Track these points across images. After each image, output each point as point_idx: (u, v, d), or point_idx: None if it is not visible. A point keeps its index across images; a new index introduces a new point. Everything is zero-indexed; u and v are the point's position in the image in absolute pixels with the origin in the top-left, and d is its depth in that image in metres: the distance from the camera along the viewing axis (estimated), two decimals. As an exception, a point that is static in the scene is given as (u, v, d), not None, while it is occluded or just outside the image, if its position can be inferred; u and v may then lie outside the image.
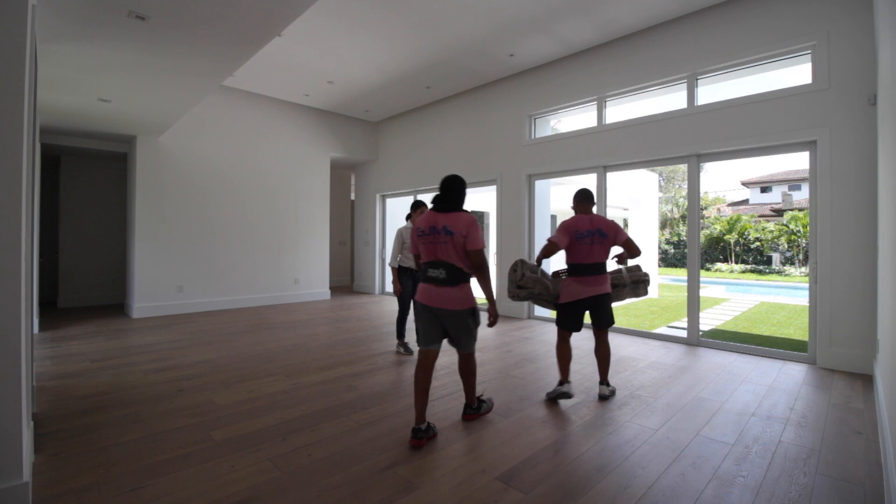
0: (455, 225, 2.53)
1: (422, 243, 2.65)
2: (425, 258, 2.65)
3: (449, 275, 2.53)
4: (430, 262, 2.61)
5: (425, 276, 2.64)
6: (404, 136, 8.71)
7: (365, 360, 4.23)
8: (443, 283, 2.55)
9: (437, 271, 2.57)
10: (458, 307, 2.55)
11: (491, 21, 5.00)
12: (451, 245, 2.53)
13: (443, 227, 2.55)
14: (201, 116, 6.84)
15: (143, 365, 4.00)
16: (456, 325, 2.59)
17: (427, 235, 2.61)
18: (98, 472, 2.16)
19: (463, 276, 2.57)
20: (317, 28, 5.15)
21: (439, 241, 2.56)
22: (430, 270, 2.60)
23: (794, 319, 7.61)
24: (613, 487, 2.06)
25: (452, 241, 2.52)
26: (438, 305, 2.56)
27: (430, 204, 2.76)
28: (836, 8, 3.98)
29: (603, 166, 5.64)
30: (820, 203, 4.04)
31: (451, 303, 2.54)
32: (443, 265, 2.55)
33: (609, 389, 3.27)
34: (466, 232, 2.51)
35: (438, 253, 2.56)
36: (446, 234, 2.54)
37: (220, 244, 7.14)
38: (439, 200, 2.66)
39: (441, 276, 2.55)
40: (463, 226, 2.52)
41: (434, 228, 2.58)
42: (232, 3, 2.98)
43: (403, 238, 4.36)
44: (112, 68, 3.99)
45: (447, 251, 2.53)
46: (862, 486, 2.10)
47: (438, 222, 2.58)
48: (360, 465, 2.25)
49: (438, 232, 2.56)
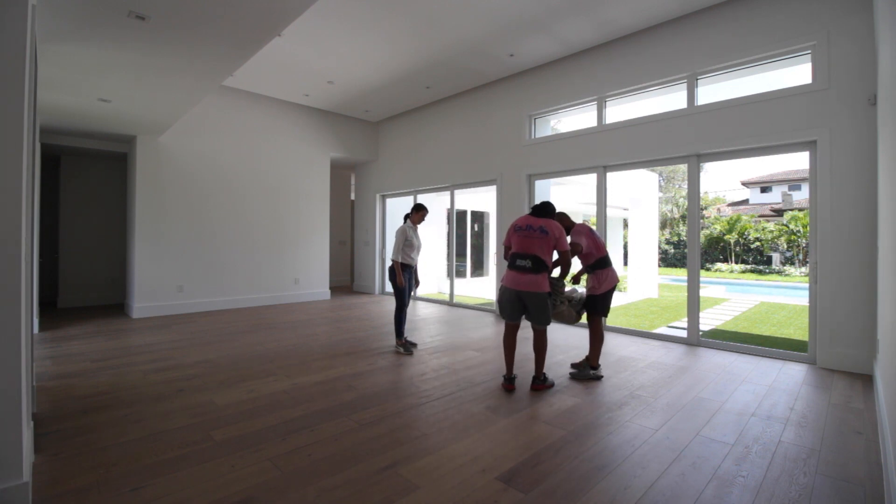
0: (550, 227, 3.26)
1: (517, 236, 3.33)
2: (516, 249, 3.30)
3: (534, 264, 3.21)
4: (519, 253, 3.27)
5: (513, 264, 3.30)
6: (404, 136, 8.71)
7: (365, 360, 4.23)
8: (528, 270, 3.21)
9: (524, 261, 3.23)
10: (539, 290, 3.21)
11: (491, 21, 5.00)
12: (543, 241, 3.23)
13: (539, 226, 3.27)
14: (201, 116, 6.84)
15: (143, 365, 4.00)
16: (536, 304, 3.24)
17: (524, 230, 3.31)
18: (98, 472, 2.16)
19: (544, 267, 3.23)
20: (317, 28, 5.15)
21: (534, 236, 3.26)
22: (519, 260, 3.27)
23: (794, 319, 7.61)
24: (613, 487, 2.06)
25: (545, 239, 3.23)
26: (524, 289, 3.22)
27: (528, 210, 3.48)
28: (836, 8, 3.98)
29: (603, 166, 5.64)
30: (820, 203, 4.04)
31: (534, 286, 3.20)
32: (530, 257, 3.21)
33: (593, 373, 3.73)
34: (559, 235, 3.25)
35: (530, 246, 3.23)
36: (542, 232, 3.25)
37: (220, 244, 7.14)
38: (538, 209, 3.43)
39: (528, 265, 3.21)
40: (557, 230, 3.26)
41: (531, 227, 3.30)
42: (232, 3, 2.98)
43: (407, 236, 4.46)
44: (112, 68, 3.99)
45: (538, 245, 3.22)
46: (862, 486, 2.10)
47: (535, 223, 3.31)
48: (360, 465, 2.25)
49: (534, 229, 3.27)
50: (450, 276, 8.06)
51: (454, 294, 7.90)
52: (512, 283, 3.28)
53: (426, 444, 2.49)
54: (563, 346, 4.78)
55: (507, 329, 3.44)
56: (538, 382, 3.38)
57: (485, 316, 6.74)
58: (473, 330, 5.69)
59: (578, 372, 3.69)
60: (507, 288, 3.31)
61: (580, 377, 3.64)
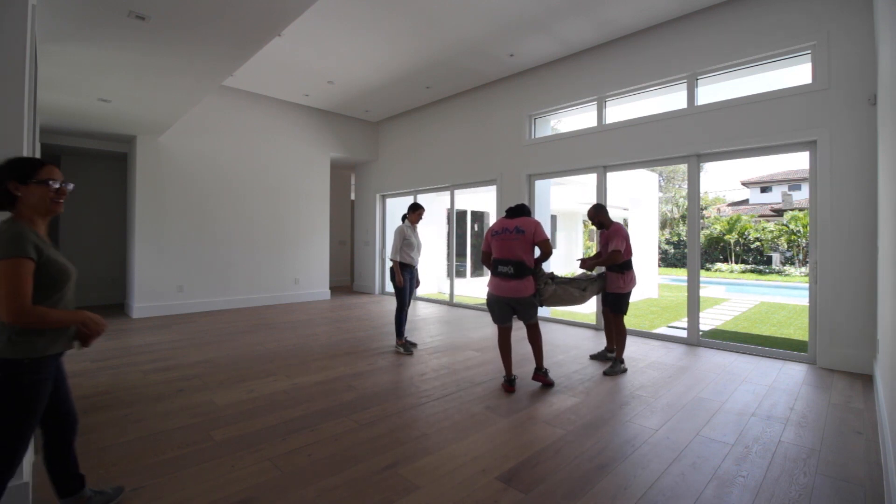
0: (525, 225, 3.22)
1: (495, 241, 3.31)
2: (496, 255, 3.29)
3: (517, 270, 3.18)
4: (501, 259, 3.25)
5: (496, 271, 3.30)
6: (404, 136, 8.71)
7: (365, 360, 4.23)
8: (511, 277, 3.20)
9: (506, 268, 3.22)
10: (525, 294, 3.22)
11: (491, 21, 5.00)
12: (521, 241, 3.18)
13: (514, 227, 3.23)
14: (201, 116, 6.84)
15: (143, 365, 4.00)
16: (523, 305, 3.28)
17: (500, 234, 3.28)
18: (98, 472, 2.15)
19: (527, 270, 3.21)
20: (317, 28, 5.15)
21: (511, 238, 3.21)
22: (501, 267, 3.25)
23: (794, 319, 7.61)
24: (613, 487, 2.06)
25: (523, 238, 3.18)
26: (509, 295, 3.24)
27: (503, 214, 3.55)
28: (836, 8, 3.98)
29: (603, 166, 5.64)
30: (820, 203, 4.04)
31: (519, 291, 3.21)
32: (512, 263, 3.19)
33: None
34: (535, 228, 3.20)
35: (510, 249, 3.21)
36: (517, 232, 3.20)
37: (220, 244, 7.14)
38: (512, 211, 3.38)
39: (510, 272, 3.20)
40: (532, 225, 3.22)
41: (507, 229, 3.26)
42: (232, 3, 2.98)
43: (405, 235, 4.47)
44: (112, 68, 3.99)
45: (518, 247, 3.18)
46: (862, 486, 2.10)
47: (510, 224, 3.28)
48: (360, 465, 2.25)
49: (510, 231, 3.23)
50: (450, 276, 8.06)
51: (454, 294, 7.90)
52: (497, 290, 3.31)
53: (426, 444, 2.49)
54: (562, 346, 4.78)
55: (500, 332, 3.46)
56: (539, 373, 3.44)
57: (485, 316, 6.74)
58: (473, 330, 5.69)
59: (610, 369, 3.85)
60: (494, 294, 3.34)
61: (612, 373, 3.81)
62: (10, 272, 1.39)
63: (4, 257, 1.40)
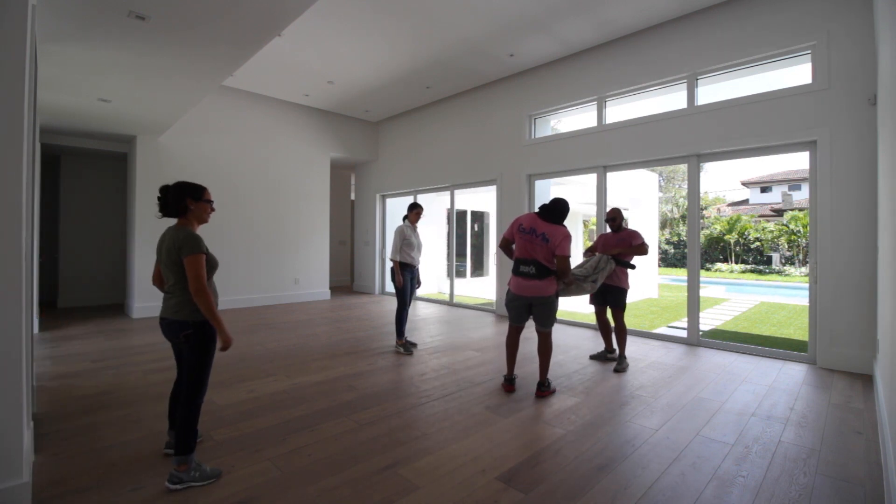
0: (553, 235, 3.16)
1: (520, 238, 3.28)
2: (518, 253, 3.28)
3: (538, 271, 3.18)
4: (522, 259, 3.24)
5: (517, 270, 3.27)
6: (404, 136, 8.71)
7: (365, 360, 4.23)
8: (533, 277, 3.19)
9: (528, 267, 3.21)
10: (546, 293, 3.21)
11: (491, 21, 5.00)
12: (543, 248, 3.17)
13: (542, 233, 3.19)
14: (201, 116, 6.84)
15: (143, 365, 4.00)
16: (543, 307, 3.24)
17: (527, 234, 3.24)
18: (98, 472, 2.16)
19: (548, 272, 3.20)
20: (317, 28, 5.15)
21: (535, 242, 3.20)
22: (522, 266, 3.24)
23: (794, 319, 7.61)
24: (613, 487, 2.06)
25: (546, 247, 3.16)
26: (530, 294, 3.21)
27: (536, 209, 3.45)
28: (835, 7, 3.98)
29: (603, 166, 5.64)
30: (820, 203, 4.04)
31: (541, 291, 3.20)
32: (533, 263, 3.19)
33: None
34: (559, 241, 3.15)
35: (532, 251, 3.19)
36: (543, 240, 3.17)
37: (219, 244, 7.11)
38: (547, 211, 3.27)
39: (532, 272, 3.19)
40: (559, 237, 3.16)
41: (534, 231, 3.22)
42: (232, 3, 2.97)
43: (405, 235, 4.47)
44: (112, 68, 3.99)
45: (540, 252, 3.18)
46: (862, 486, 2.10)
47: (539, 227, 3.22)
48: (360, 465, 2.25)
49: (537, 235, 3.20)
50: (450, 276, 8.06)
51: (454, 294, 7.90)
52: (518, 289, 3.27)
53: (426, 444, 2.49)
54: (562, 346, 4.78)
55: (510, 330, 3.45)
56: (543, 389, 3.31)
57: (485, 316, 6.74)
58: (473, 330, 5.69)
59: (619, 366, 3.94)
60: (514, 293, 3.31)
61: (621, 369, 3.90)
62: (198, 263, 2.06)
63: (195, 252, 2.06)
